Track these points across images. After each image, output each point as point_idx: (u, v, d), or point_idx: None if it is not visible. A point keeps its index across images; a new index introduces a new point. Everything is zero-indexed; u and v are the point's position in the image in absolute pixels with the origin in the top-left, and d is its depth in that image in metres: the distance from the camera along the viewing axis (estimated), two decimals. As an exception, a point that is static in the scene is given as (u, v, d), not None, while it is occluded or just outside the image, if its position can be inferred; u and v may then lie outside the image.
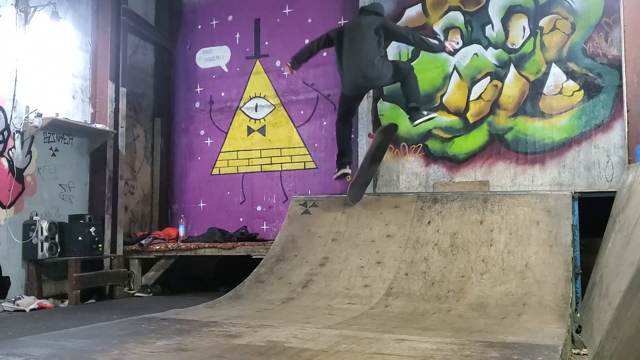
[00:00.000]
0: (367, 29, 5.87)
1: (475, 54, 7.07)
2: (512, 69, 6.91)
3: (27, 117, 6.41)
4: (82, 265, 6.57)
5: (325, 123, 7.85)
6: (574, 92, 6.63)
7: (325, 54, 7.86)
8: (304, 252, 5.92)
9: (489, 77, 7.00)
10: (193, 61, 8.67)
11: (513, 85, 6.90)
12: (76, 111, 7.17)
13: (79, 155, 7.22)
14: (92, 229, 6.82)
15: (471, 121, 7.04)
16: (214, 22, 8.59)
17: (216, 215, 8.18)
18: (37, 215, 6.44)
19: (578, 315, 4.79)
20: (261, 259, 6.21)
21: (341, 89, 6.21)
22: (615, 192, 5.47)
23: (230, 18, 8.50)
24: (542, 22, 6.81)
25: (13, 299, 5.92)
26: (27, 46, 6.47)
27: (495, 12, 7.03)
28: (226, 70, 8.47)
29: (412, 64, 7.32)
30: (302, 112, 7.98)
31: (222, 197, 8.27)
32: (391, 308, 4.84)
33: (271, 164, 8.09)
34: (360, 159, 7.33)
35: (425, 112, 6.15)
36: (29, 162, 6.51)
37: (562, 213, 5.36)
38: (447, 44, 6.13)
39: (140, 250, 7.47)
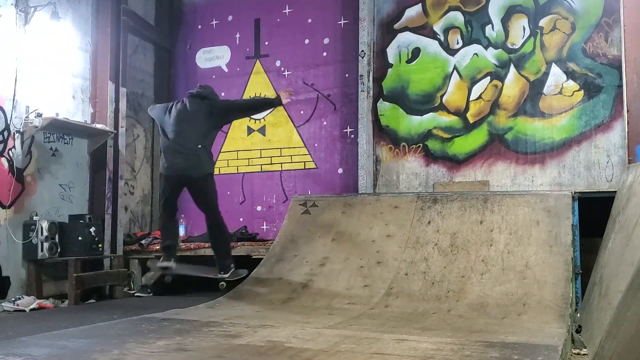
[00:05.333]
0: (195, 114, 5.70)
1: (475, 54, 7.07)
2: (512, 69, 6.91)
3: (27, 117, 6.41)
4: (82, 265, 6.57)
5: (325, 123, 7.85)
6: (574, 92, 6.63)
7: (325, 53, 7.89)
8: (304, 252, 5.92)
9: (489, 77, 7.01)
10: (193, 61, 8.67)
11: (513, 85, 6.90)
12: (76, 111, 7.17)
13: (79, 155, 7.22)
14: (92, 229, 6.81)
15: (471, 121, 7.04)
16: (214, 22, 8.59)
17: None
18: (37, 215, 6.44)
19: (578, 315, 4.79)
20: (261, 259, 6.21)
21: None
22: (615, 192, 5.47)
23: (230, 18, 8.50)
24: (542, 22, 6.81)
25: (13, 299, 5.92)
26: (27, 46, 6.47)
27: (495, 12, 7.03)
28: (226, 70, 8.47)
29: (412, 63, 7.36)
30: (302, 112, 7.98)
31: (222, 197, 8.17)
32: (391, 308, 4.84)
33: (271, 164, 8.09)
34: (361, 161, 7.36)
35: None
36: (29, 162, 6.50)
37: (562, 213, 5.36)
38: (283, 97, 5.90)
39: (140, 250, 7.47)
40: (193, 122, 5.67)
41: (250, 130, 8.23)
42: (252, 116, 6.94)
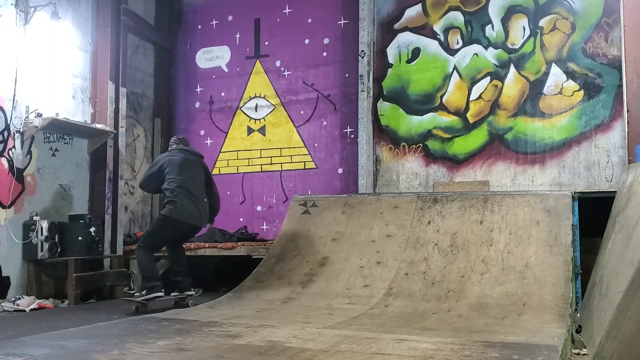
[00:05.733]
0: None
1: (475, 54, 7.07)
2: (512, 69, 6.91)
3: (27, 117, 6.41)
4: (82, 265, 6.57)
5: (325, 123, 7.85)
6: (574, 92, 6.63)
7: (325, 53, 7.89)
8: (304, 252, 5.93)
9: (489, 77, 7.01)
10: (193, 61, 8.68)
11: (513, 85, 6.90)
12: (76, 111, 7.17)
13: (79, 155, 7.21)
14: (92, 229, 6.81)
15: (471, 121, 7.04)
16: (214, 22, 8.59)
17: (216, 216, 8.18)
18: (37, 215, 6.44)
19: (578, 315, 4.79)
20: (261, 259, 6.21)
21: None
22: (615, 192, 5.47)
23: (230, 18, 8.50)
24: (542, 22, 6.81)
25: (13, 299, 5.92)
26: (27, 46, 6.47)
27: (495, 12, 7.03)
28: (226, 70, 8.47)
29: (412, 63, 7.36)
30: (302, 112, 7.98)
31: (222, 197, 8.21)
32: (391, 308, 4.84)
33: (271, 164, 8.09)
34: (361, 161, 7.36)
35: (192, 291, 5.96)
36: (29, 162, 6.50)
37: (562, 213, 5.36)
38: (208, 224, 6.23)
39: (140, 250, 7.46)
40: (198, 175, 6.01)
41: (250, 130, 8.23)
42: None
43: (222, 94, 8.45)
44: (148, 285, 5.64)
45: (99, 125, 7.24)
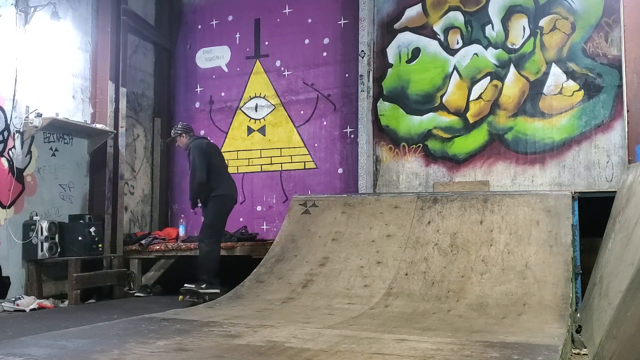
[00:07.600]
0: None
1: (475, 54, 7.08)
2: (512, 69, 6.91)
3: (27, 117, 6.41)
4: (82, 265, 6.57)
5: (325, 123, 7.85)
6: (574, 92, 6.63)
7: (325, 53, 7.89)
8: (304, 252, 5.92)
9: (489, 77, 7.01)
10: (193, 61, 8.68)
11: (513, 85, 6.90)
12: (76, 111, 7.17)
13: (79, 155, 7.22)
14: (92, 229, 6.81)
15: (471, 121, 7.05)
16: (214, 22, 8.59)
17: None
18: (37, 215, 6.44)
19: (578, 315, 4.79)
20: (261, 259, 6.20)
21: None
22: (615, 192, 5.47)
23: (230, 18, 8.50)
24: (542, 22, 6.81)
25: (13, 299, 5.92)
26: (27, 46, 6.48)
27: (495, 12, 7.03)
28: (226, 70, 8.47)
29: (412, 63, 7.36)
30: (302, 112, 7.98)
31: (222, 197, 8.26)
32: (391, 308, 4.84)
33: (271, 164, 8.09)
34: (361, 161, 7.36)
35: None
36: (29, 162, 6.51)
37: (562, 213, 5.36)
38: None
39: (140, 250, 7.47)
40: (222, 156, 6.80)
41: (250, 130, 8.23)
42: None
43: (222, 94, 8.46)
44: (211, 281, 6.15)
45: (99, 125, 7.24)
